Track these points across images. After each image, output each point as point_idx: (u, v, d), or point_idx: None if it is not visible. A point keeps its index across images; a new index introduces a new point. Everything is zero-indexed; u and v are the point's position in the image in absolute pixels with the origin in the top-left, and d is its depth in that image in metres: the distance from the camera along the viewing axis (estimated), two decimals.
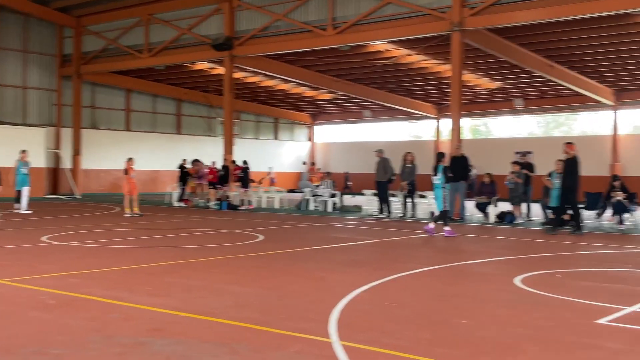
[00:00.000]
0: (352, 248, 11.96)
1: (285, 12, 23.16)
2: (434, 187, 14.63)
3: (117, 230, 14.57)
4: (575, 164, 14.90)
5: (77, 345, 5.01)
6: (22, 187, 19.68)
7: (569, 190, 14.82)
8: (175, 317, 5.98)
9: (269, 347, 5.06)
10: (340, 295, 6.99)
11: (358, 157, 39.84)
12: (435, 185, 14.51)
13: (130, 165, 19.04)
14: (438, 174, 14.39)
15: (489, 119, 37.52)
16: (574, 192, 14.87)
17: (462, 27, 19.10)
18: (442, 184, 14.32)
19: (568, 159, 15.01)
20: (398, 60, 26.35)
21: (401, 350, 4.97)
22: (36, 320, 5.81)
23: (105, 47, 29.19)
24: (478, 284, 8.21)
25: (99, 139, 32.71)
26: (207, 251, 10.89)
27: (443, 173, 14.38)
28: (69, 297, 6.83)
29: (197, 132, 37.26)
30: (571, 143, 15.33)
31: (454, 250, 12.07)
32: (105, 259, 9.82)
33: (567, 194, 14.86)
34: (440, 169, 14.37)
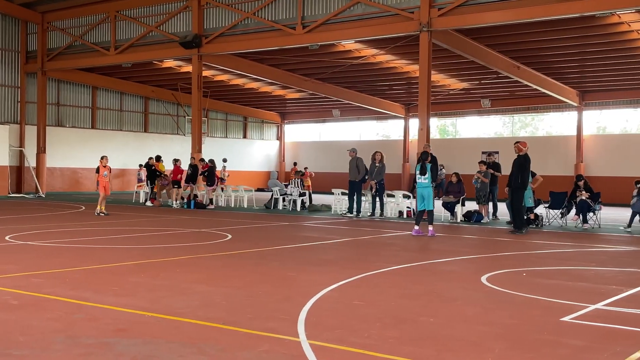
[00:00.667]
0: (321, 247, 11.96)
1: (254, 10, 23.07)
2: (418, 187, 14.53)
3: (82, 229, 14.36)
4: (526, 162, 15.12)
5: (41, 347, 4.92)
6: None
7: (519, 188, 15.06)
8: (141, 317, 5.91)
9: (236, 346, 5.03)
10: (308, 295, 6.99)
11: (327, 156, 39.92)
12: (420, 184, 14.43)
13: (102, 163, 18.72)
14: (426, 174, 14.34)
15: (456, 119, 37.86)
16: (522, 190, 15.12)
17: (430, 27, 19.25)
18: (429, 182, 14.36)
19: (519, 157, 15.21)
20: (367, 60, 26.43)
21: (368, 348, 4.99)
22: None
23: (70, 43, 28.74)
24: (445, 283, 8.27)
25: (64, 136, 32.22)
26: (174, 250, 10.79)
27: (432, 172, 14.42)
28: (32, 297, 6.70)
29: (164, 130, 36.94)
30: (520, 142, 15.52)
31: (421, 249, 12.15)
32: (69, 259, 9.67)
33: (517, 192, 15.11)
34: (428, 168, 14.40)
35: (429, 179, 14.35)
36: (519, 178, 15.04)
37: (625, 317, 6.38)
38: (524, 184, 15.12)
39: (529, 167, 15.24)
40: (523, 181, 15.06)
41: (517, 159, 15.22)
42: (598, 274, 9.24)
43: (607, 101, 32.21)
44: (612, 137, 32.81)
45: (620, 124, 33.64)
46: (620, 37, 21.88)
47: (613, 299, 7.20)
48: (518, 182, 15.05)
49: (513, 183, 15.23)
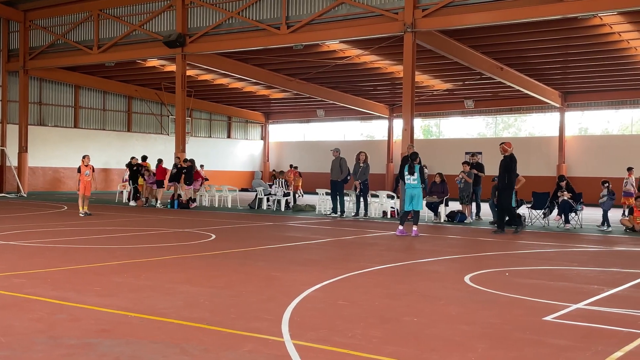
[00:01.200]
0: (305, 247, 11.96)
1: (238, 10, 23.03)
2: (408, 187, 14.47)
3: (64, 229, 14.24)
4: (512, 162, 15.25)
5: (23, 347, 4.87)
6: None
7: (505, 188, 15.21)
8: (124, 317, 5.88)
9: (220, 346, 5.01)
10: (292, 294, 6.99)
11: (311, 156, 39.92)
12: (410, 185, 14.40)
13: (84, 163, 18.58)
14: (415, 174, 14.38)
15: (440, 120, 38.02)
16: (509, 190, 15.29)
17: (415, 28, 19.32)
18: (419, 184, 14.39)
19: (505, 157, 15.34)
20: (351, 60, 26.48)
21: (352, 348, 4.99)
22: None
23: (53, 42, 28.52)
24: (428, 282, 8.31)
25: (46, 136, 31.97)
26: (158, 251, 10.74)
27: (420, 173, 14.46)
28: (13, 297, 6.64)
29: (148, 130, 36.77)
30: (504, 143, 15.70)
31: (405, 249, 12.18)
32: (52, 259, 9.59)
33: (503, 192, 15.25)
34: (416, 169, 14.43)
35: (418, 180, 14.37)
36: (505, 178, 15.13)
37: (607, 316, 6.44)
38: (510, 184, 15.22)
39: (514, 168, 15.34)
40: (509, 181, 15.17)
41: (503, 160, 15.32)
42: (580, 273, 9.32)
43: (589, 102, 32.53)
44: (594, 138, 33.13)
45: (602, 125, 33.98)
46: (602, 39, 22.10)
47: (595, 298, 7.27)
48: (504, 183, 15.15)
49: (499, 184, 15.34)
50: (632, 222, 16.33)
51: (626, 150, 30.12)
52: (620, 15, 19.71)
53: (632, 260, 11.25)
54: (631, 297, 7.55)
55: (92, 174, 18.82)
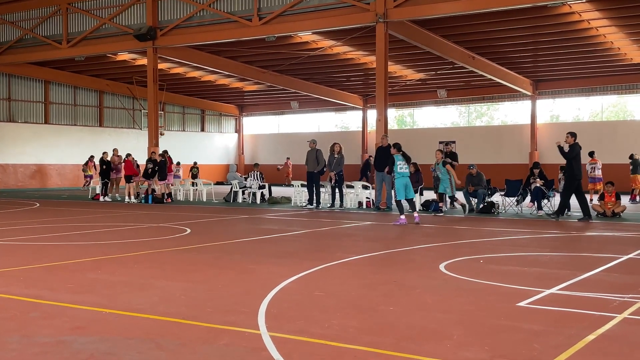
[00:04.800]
0: (281, 239, 11.95)
1: (209, 2, 22.85)
2: (403, 176, 14.57)
3: (37, 226, 14.05)
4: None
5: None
6: None
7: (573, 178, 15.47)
8: (98, 314, 5.82)
9: (196, 340, 4.99)
10: (269, 287, 6.98)
11: (286, 148, 39.85)
12: (404, 174, 14.56)
13: None
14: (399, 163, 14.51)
15: (414, 109, 38.18)
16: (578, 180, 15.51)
17: (386, 18, 19.34)
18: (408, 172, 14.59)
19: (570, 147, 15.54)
20: (324, 52, 26.44)
21: (329, 338, 5.01)
22: None
23: (21, 37, 28.06)
24: (404, 272, 8.35)
25: (17, 132, 31.51)
26: (132, 246, 10.65)
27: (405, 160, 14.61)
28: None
29: (120, 124, 36.40)
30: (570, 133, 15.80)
31: (380, 239, 12.24)
32: (24, 257, 9.46)
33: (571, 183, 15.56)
34: (399, 158, 14.54)
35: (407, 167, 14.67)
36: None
37: (579, 300, 6.54)
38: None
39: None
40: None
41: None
42: (552, 259, 9.45)
43: (559, 90, 32.89)
44: (565, 125, 33.43)
45: (573, 112, 34.41)
46: (572, 26, 22.34)
47: (567, 283, 7.37)
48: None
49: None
50: (603, 207, 16.58)
51: (597, 136, 30.52)
52: (589, 3, 19.92)
53: (603, 245, 11.44)
54: (603, 281, 7.67)
55: None
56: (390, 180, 18.62)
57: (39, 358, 4.56)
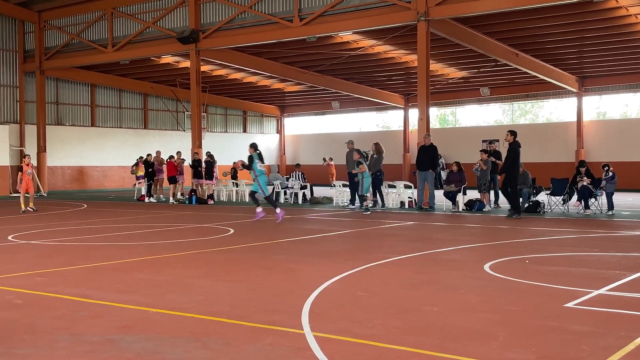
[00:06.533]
0: (323, 239, 11.96)
1: (251, 4, 23.01)
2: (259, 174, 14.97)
3: (84, 227, 14.36)
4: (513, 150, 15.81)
5: (45, 345, 4.93)
6: None
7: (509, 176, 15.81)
8: (144, 313, 5.92)
9: (241, 340, 5.03)
10: (312, 287, 6.99)
11: (327, 148, 39.86)
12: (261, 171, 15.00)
13: (25, 162, 19.22)
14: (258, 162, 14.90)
15: (456, 108, 37.79)
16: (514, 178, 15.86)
17: (428, 16, 19.19)
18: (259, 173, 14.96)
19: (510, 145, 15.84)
20: (365, 51, 26.38)
21: (373, 339, 4.99)
22: (2, 321, 5.70)
23: (68, 41, 28.71)
24: (448, 272, 8.27)
25: (64, 135, 32.24)
26: (177, 246, 10.80)
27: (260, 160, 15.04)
28: (35, 296, 6.71)
29: (164, 126, 36.92)
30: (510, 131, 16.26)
31: (424, 239, 12.15)
32: (72, 257, 9.68)
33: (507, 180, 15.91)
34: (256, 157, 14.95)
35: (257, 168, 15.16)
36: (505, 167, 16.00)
37: (628, 301, 6.38)
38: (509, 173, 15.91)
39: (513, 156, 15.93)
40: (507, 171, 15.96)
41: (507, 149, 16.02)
42: (601, 259, 9.24)
43: (606, 86, 32.12)
44: (612, 122, 32.75)
45: (620, 108, 33.57)
46: (619, 21, 21.81)
47: (616, 284, 7.20)
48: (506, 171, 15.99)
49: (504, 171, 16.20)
50: None
51: None
52: None
53: None
54: None
55: (32, 173, 19.34)
56: (433, 178, 18.51)
57: (87, 356, 4.66)
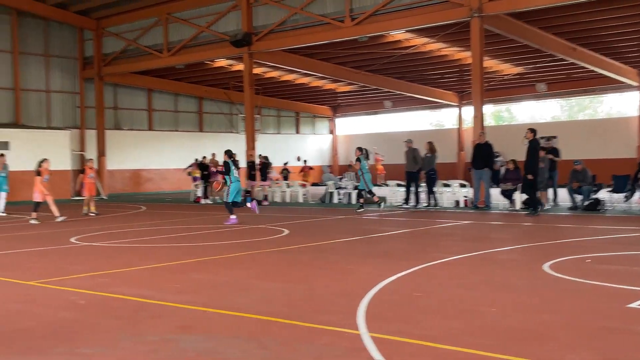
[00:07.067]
0: (377, 239, 11.93)
1: (302, 6, 23.11)
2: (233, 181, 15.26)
3: (143, 229, 14.69)
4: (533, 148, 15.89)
5: (108, 344, 5.06)
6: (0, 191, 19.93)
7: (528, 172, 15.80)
8: (203, 313, 6.02)
9: (297, 340, 5.06)
10: (367, 287, 6.98)
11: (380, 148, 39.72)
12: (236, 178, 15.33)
13: (89, 165, 19.56)
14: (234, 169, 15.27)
15: (511, 105, 37.14)
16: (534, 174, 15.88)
17: (481, 12, 18.91)
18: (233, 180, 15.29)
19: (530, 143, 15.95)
20: (417, 49, 26.18)
21: (430, 340, 4.95)
22: (67, 321, 5.88)
23: (125, 48, 29.41)
24: (506, 272, 8.14)
25: (122, 139, 33.01)
26: (233, 247, 10.93)
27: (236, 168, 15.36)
28: (98, 296, 6.90)
29: (219, 129, 37.41)
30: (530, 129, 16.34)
31: (479, 238, 11.98)
32: (132, 258, 9.92)
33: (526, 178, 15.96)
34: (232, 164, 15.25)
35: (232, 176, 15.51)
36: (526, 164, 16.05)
37: None
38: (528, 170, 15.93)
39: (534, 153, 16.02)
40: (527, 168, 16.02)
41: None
42: None
43: None
44: None
45: None
46: None
47: None
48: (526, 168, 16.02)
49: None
50: None
51: None
52: None
53: None
54: None
55: (95, 177, 19.65)
56: (489, 177, 18.22)
57: (148, 356, 4.76)
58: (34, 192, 16.77)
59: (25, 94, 29.54)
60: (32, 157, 26.56)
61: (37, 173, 16.89)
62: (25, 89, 29.51)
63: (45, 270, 8.79)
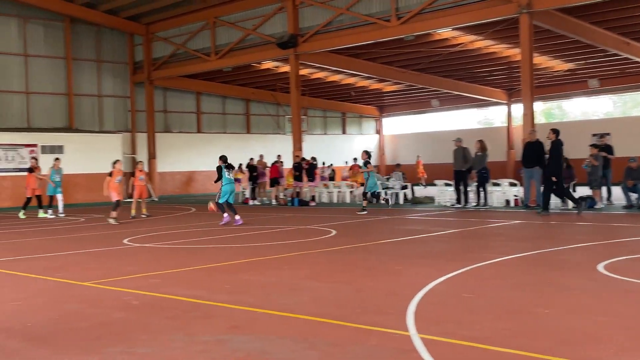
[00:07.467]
0: (426, 240, 11.83)
1: (347, 6, 23.10)
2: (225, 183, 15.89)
3: (193, 230, 14.91)
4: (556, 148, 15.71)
5: (161, 344, 5.15)
6: (55, 194, 20.54)
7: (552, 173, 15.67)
8: (253, 314, 6.07)
9: (347, 341, 5.06)
10: (416, 288, 6.93)
11: (427, 147, 39.41)
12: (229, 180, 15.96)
13: (139, 168, 19.71)
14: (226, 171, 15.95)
15: (562, 102, 36.36)
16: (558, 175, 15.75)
17: (531, 8, 18.56)
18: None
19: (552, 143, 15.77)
20: (465, 47, 25.89)
21: (480, 341, 4.88)
22: (121, 321, 6.01)
23: (174, 52, 29.89)
24: (559, 272, 7.97)
25: (172, 142, 33.57)
26: (282, 248, 11.00)
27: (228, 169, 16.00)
28: (151, 297, 7.02)
29: (266, 130, 37.71)
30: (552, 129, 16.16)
31: (530, 238, 11.77)
32: (183, 259, 10.07)
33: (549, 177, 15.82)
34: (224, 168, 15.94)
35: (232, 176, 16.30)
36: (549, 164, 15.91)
37: None
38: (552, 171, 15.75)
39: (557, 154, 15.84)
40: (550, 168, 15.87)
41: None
42: None
43: None
44: None
45: None
46: None
47: None
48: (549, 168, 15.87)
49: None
50: None
51: None
52: None
53: None
54: None
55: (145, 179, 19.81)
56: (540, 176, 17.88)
57: (200, 356, 4.83)
58: (110, 192, 17.19)
59: (79, 99, 30.30)
60: (86, 161, 27.49)
61: (109, 174, 17.32)
62: (78, 94, 30.27)
63: (99, 271, 9.00)
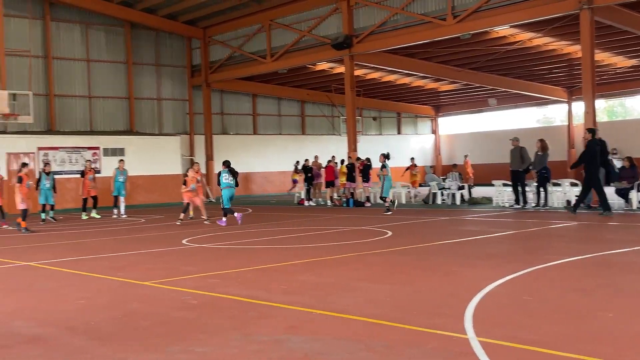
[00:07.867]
0: (484, 241, 11.65)
1: (403, 6, 22.95)
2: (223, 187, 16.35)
3: (250, 231, 15.06)
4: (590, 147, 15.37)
5: (219, 343, 5.22)
6: (119, 194, 21.10)
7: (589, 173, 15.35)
8: (309, 314, 6.09)
9: (404, 343, 5.03)
10: (474, 290, 6.83)
11: (485, 147, 38.80)
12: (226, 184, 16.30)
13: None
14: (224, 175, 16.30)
15: (626, 99, 35.26)
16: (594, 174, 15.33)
17: (592, 4, 18.07)
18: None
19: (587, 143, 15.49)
20: (523, 45, 25.39)
21: (542, 345, 4.78)
22: (180, 320, 6.12)
23: (230, 55, 30.30)
24: (623, 275, 7.73)
25: (229, 143, 34.01)
26: (337, 249, 11.01)
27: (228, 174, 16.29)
28: (209, 297, 7.13)
29: (320, 131, 37.80)
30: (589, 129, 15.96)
31: (593, 239, 11.45)
32: (240, 259, 10.18)
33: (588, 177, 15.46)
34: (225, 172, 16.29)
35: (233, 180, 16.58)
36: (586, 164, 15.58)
37: None
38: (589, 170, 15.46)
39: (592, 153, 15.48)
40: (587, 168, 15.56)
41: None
42: None
43: None
44: None
45: None
46: None
47: None
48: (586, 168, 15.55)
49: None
50: None
51: None
52: None
53: None
54: None
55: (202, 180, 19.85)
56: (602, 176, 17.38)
57: (257, 356, 4.87)
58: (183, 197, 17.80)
59: (139, 102, 31.02)
60: (146, 163, 28.11)
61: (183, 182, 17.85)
62: (139, 98, 30.99)
63: (159, 271, 9.19)
